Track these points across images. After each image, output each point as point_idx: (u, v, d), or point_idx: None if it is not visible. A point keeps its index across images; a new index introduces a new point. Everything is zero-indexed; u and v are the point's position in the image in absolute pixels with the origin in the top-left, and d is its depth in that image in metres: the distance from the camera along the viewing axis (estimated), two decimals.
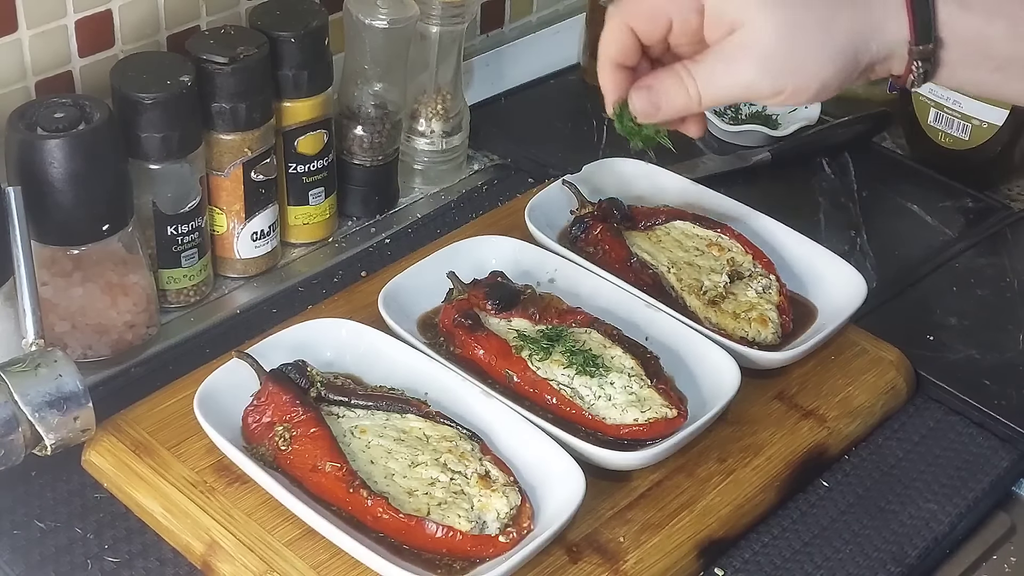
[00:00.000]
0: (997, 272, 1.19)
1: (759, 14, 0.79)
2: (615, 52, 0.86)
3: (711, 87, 0.83)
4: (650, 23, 0.84)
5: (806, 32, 0.79)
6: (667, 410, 0.92)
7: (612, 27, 0.85)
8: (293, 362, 0.92)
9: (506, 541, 0.84)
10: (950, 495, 0.96)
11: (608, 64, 0.87)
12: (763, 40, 0.80)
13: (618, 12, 0.85)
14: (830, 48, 0.80)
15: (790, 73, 0.80)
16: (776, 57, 0.80)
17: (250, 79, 1.04)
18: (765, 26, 0.79)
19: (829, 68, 0.80)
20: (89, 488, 0.92)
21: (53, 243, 0.95)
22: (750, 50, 0.80)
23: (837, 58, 0.80)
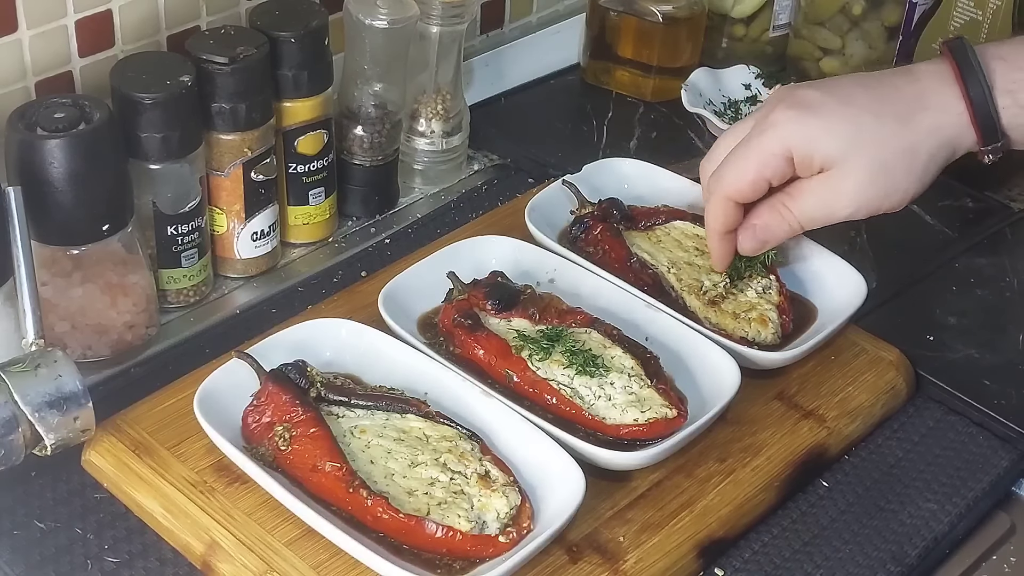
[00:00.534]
0: (997, 272, 1.19)
1: (847, 159, 0.90)
2: (722, 224, 0.97)
3: (809, 216, 0.94)
4: (753, 193, 0.94)
5: (893, 169, 0.90)
6: (667, 410, 0.92)
7: (716, 203, 0.96)
8: (293, 362, 0.92)
9: (506, 541, 0.84)
10: (950, 495, 0.96)
11: (718, 235, 0.98)
12: (853, 182, 0.90)
13: (720, 188, 0.95)
14: (914, 173, 0.91)
15: (881, 201, 0.92)
16: (868, 192, 0.91)
17: (250, 79, 1.04)
18: (855, 170, 0.90)
19: (916, 186, 0.92)
20: (89, 488, 0.92)
21: (53, 243, 0.95)
22: (843, 189, 0.91)
23: (921, 178, 0.91)
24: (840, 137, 0.90)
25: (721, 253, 0.99)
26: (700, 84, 1.38)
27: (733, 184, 0.94)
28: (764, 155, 0.92)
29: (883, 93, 0.91)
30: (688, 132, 1.37)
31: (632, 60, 1.41)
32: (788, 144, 0.91)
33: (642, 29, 1.39)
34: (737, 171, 0.94)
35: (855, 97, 0.92)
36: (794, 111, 0.92)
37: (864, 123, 0.90)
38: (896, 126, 0.90)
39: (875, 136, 0.90)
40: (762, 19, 1.45)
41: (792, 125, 0.91)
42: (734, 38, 1.46)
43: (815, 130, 0.91)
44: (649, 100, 1.41)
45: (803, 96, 0.93)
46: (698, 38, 1.42)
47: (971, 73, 0.89)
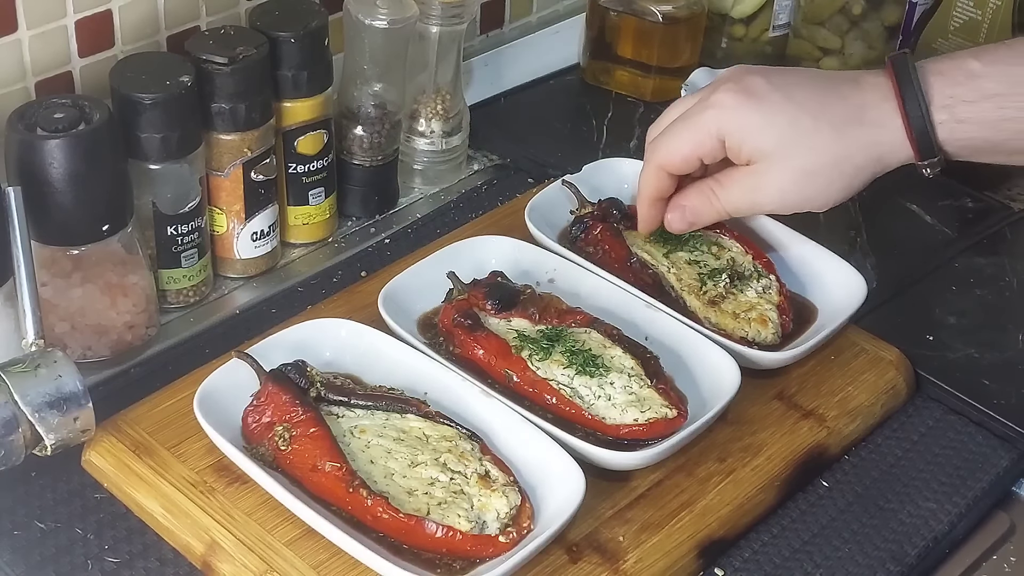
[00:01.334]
0: (997, 272, 1.19)
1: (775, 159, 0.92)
2: (654, 191, 1.00)
3: (735, 207, 0.97)
4: (684, 165, 0.97)
5: (818, 176, 0.92)
6: (667, 410, 0.92)
7: (649, 170, 0.99)
8: (293, 362, 0.92)
9: (506, 541, 0.84)
10: (950, 494, 0.96)
11: (647, 201, 1.01)
12: (777, 181, 0.93)
13: (654, 157, 0.98)
14: (838, 184, 0.93)
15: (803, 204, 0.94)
16: (790, 195, 0.93)
17: (250, 79, 1.04)
18: (780, 170, 0.92)
19: (838, 196, 0.94)
20: (89, 488, 0.92)
21: (53, 243, 0.95)
22: (767, 186, 0.93)
23: (844, 188, 0.93)
24: (773, 133, 0.92)
25: (648, 218, 1.02)
26: (700, 84, 1.37)
27: (666, 156, 0.97)
28: (699, 134, 0.95)
29: (826, 98, 0.92)
30: None
31: (632, 60, 1.41)
32: (723, 127, 0.93)
33: (642, 29, 1.39)
34: (672, 144, 0.96)
35: (799, 95, 0.93)
36: (737, 96, 0.93)
37: (800, 124, 0.92)
38: (830, 134, 0.91)
39: (807, 141, 0.91)
40: (762, 19, 1.45)
41: (730, 111, 0.93)
42: (734, 38, 1.46)
43: (751, 121, 0.92)
44: (649, 100, 1.41)
45: (750, 83, 0.94)
46: (698, 38, 1.42)
47: (909, 88, 0.90)
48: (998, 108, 0.88)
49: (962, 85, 0.89)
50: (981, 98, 0.89)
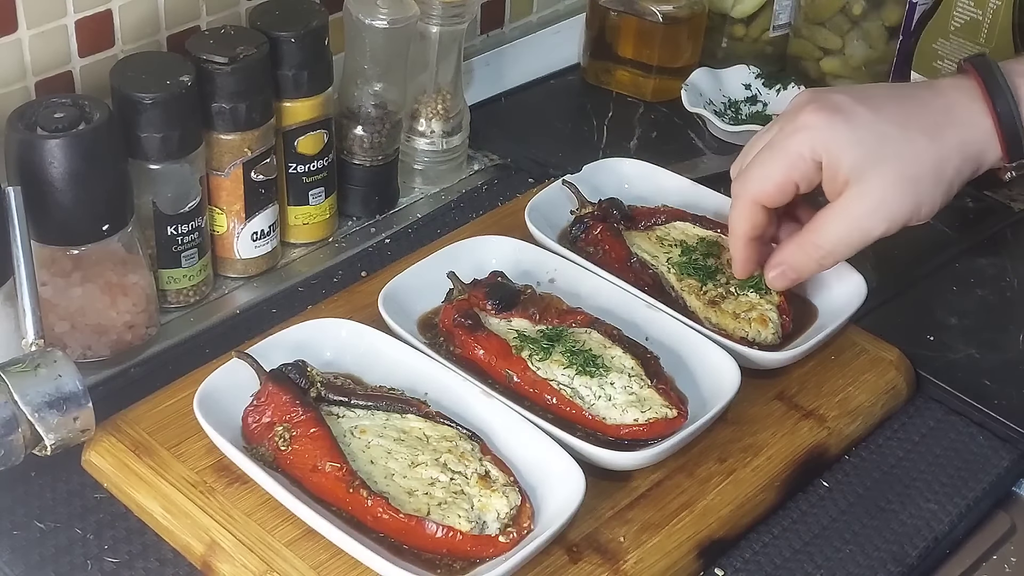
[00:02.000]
0: (997, 272, 1.18)
1: (874, 170, 0.88)
2: (749, 229, 0.94)
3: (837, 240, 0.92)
4: (780, 195, 0.92)
5: (920, 183, 0.89)
6: (667, 410, 0.92)
7: (742, 206, 0.93)
8: (293, 362, 0.92)
9: (506, 541, 0.84)
10: (950, 495, 0.96)
11: (743, 240, 0.95)
12: (880, 195, 0.89)
13: (745, 191, 0.93)
14: (942, 189, 0.90)
15: (906, 217, 0.90)
16: (897, 210, 0.90)
17: (250, 79, 1.04)
18: (882, 183, 0.89)
19: (942, 201, 0.91)
20: (89, 488, 0.92)
21: (53, 243, 0.95)
22: (871, 202, 0.89)
23: (947, 193, 0.91)
24: (867, 146, 0.89)
25: (744, 260, 0.97)
26: (700, 84, 1.38)
27: (758, 185, 0.92)
28: (792, 157, 0.91)
29: (910, 106, 0.91)
30: (688, 132, 1.37)
31: (632, 60, 1.41)
32: (817, 147, 0.90)
33: (642, 29, 1.39)
34: (763, 173, 0.92)
35: (884, 108, 0.91)
36: (824, 115, 0.90)
37: (891, 135, 0.90)
38: (924, 140, 0.89)
39: (903, 149, 0.89)
40: (762, 19, 1.45)
41: (822, 129, 0.90)
42: (734, 38, 1.46)
43: (844, 137, 0.90)
44: (649, 100, 1.41)
45: (833, 100, 0.91)
46: (698, 38, 1.42)
47: (998, 89, 0.89)
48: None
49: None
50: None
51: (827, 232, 0.92)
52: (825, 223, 0.92)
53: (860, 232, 0.91)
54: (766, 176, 0.92)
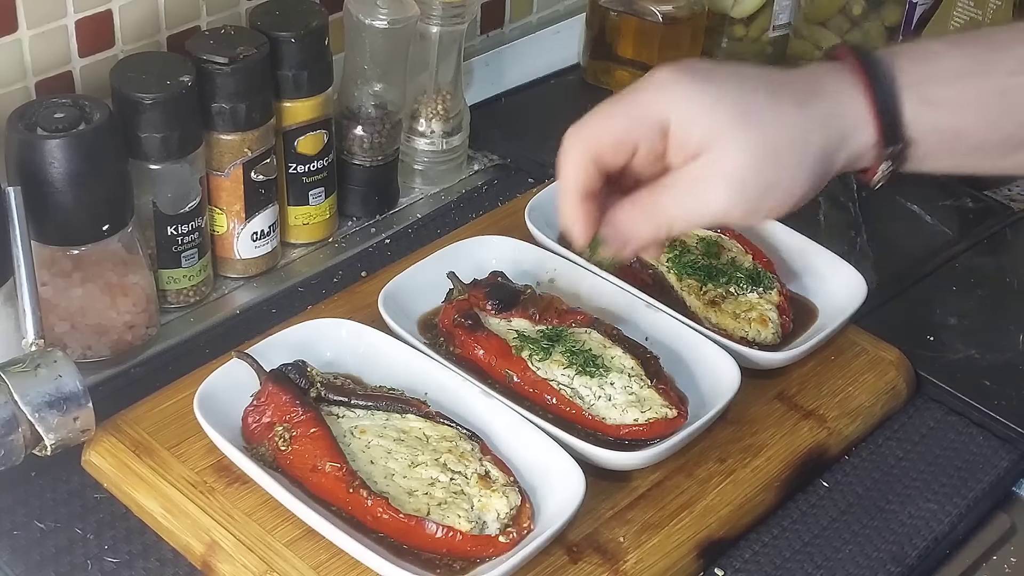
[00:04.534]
0: (997, 272, 1.19)
1: (730, 137, 0.75)
2: (580, 184, 0.79)
3: (681, 217, 0.78)
4: (615, 151, 0.78)
5: (780, 155, 0.76)
6: (667, 410, 0.92)
7: (573, 157, 0.79)
8: (293, 362, 0.92)
9: (506, 541, 0.84)
10: (950, 495, 0.96)
11: (573, 197, 0.79)
12: (735, 165, 0.75)
13: (579, 140, 0.79)
14: (805, 167, 0.77)
15: (763, 196, 0.76)
16: (749, 182, 0.76)
17: (250, 79, 1.04)
18: (738, 150, 0.75)
19: (804, 186, 0.77)
20: (89, 488, 0.92)
21: (53, 243, 0.95)
22: (721, 176, 0.76)
23: (811, 175, 0.77)
24: (726, 108, 0.75)
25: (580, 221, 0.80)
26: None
27: (596, 135, 0.78)
28: (637, 113, 0.77)
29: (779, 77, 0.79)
30: None
31: (632, 60, 1.41)
32: (666, 108, 0.76)
33: (642, 29, 1.39)
34: (602, 123, 0.78)
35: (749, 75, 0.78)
36: (679, 74, 0.77)
37: (757, 98, 0.76)
38: (791, 108, 0.76)
39: (765, 115, 0.76)
40: (762, 19, 1.45)
41: (673, 90, 0.76)
42: (734, 38, 1.46)
43: (698, 99, 0.76)
44: None
45: (694, 64, 0.78)
46: (698, 38, 1.42)
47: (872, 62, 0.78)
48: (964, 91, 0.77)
49: (928, 63, 0.78)
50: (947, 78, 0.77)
51: (669, 197, 0.77)
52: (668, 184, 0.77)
53: (703, 204, 0.77)
54: (604, 128, 0.78)
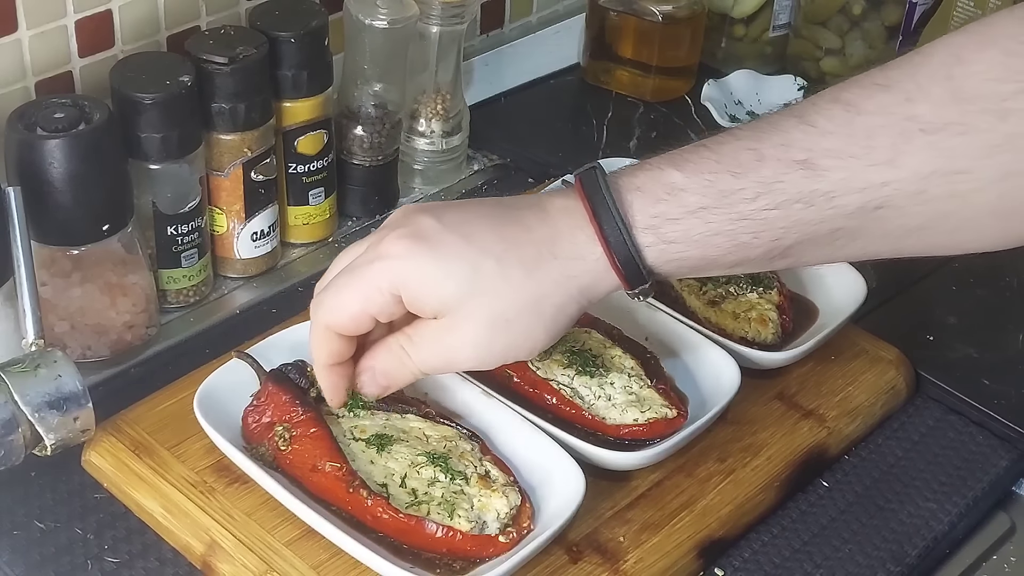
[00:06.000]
0: (997, 272, 1.18)
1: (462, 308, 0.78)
2: (326, 355, 0.83)
3: (430, 366, 0.82)
4: (355, 324, 0.81)
5: (513, 323, 0.78)
6: (667, 410, 0.92)
7: (317, 332, 0.83)
8: (293, 362, 0.92)
9: (506, 541, 0.84)
10: (950, 494, 0.96)
11: (322, 367, 0.84)
12: (471, 334, 0.79)
13: (319, 316, 0.82)
14: (541, 326, 0.79)
15: (503, 353, 0.80)
16: (488, 347, 0.79)
17: (250, 79, 1.04)
18: (472, 322, 0.78)
19: (543, 339, 0.80)
20: (89, 488, 0.92)
21: (53, 243, 0.95)
22: (461, 341, 0.79)
23: (550, 330, 0.80)
24: (456, 282, 0.77)
25: (330, 386, 0.85)
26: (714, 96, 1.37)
27: (332, 315, 0.81)
28: (368, 289, 0.79)
29: (511, 234, 0.79)
30: (688, 132, 1.37)
31: (632, 60, 1.41)
32: (396, 282, 0.78)
33: (642, 29, 1.39)
34: (339, 302, 0.81)
35: (479, 235, 0.78)
36: (408, 243, 0.78)
37: (485, 269, 0.77)
38: (520, 276, 0.77)
39: (495, 285, 0.77)
40: (762, 19, 1.45)
41: (401, 261, 0.78)
42: (734, 38, 1.46)
43: (427, 271, 0.78)
44: (649, 100, 1.42)
45: (421, 226, 0.79)
46: (698, 38, 1.42)
47: (605, 212, 0.77)
48: (706, 223, 0.76)
49: (664, 201, 0.76)
50: (687, 214, 0.76)
51: (417, 348, 0.81)
52: (417, 338, 0.81)
53: (448, 362, 0.82)
54: (340, 305, 0.81)
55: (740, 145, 0.76)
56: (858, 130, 0.74)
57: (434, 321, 0.80)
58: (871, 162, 0.73)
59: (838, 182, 0.74)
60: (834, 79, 1.43)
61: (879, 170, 0.73)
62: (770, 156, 0.75)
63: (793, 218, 0.75)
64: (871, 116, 0.73)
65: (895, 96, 0.73)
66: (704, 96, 1.37)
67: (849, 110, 0.74)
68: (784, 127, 0.75)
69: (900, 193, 0.73)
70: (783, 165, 0.74)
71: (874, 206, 0.74)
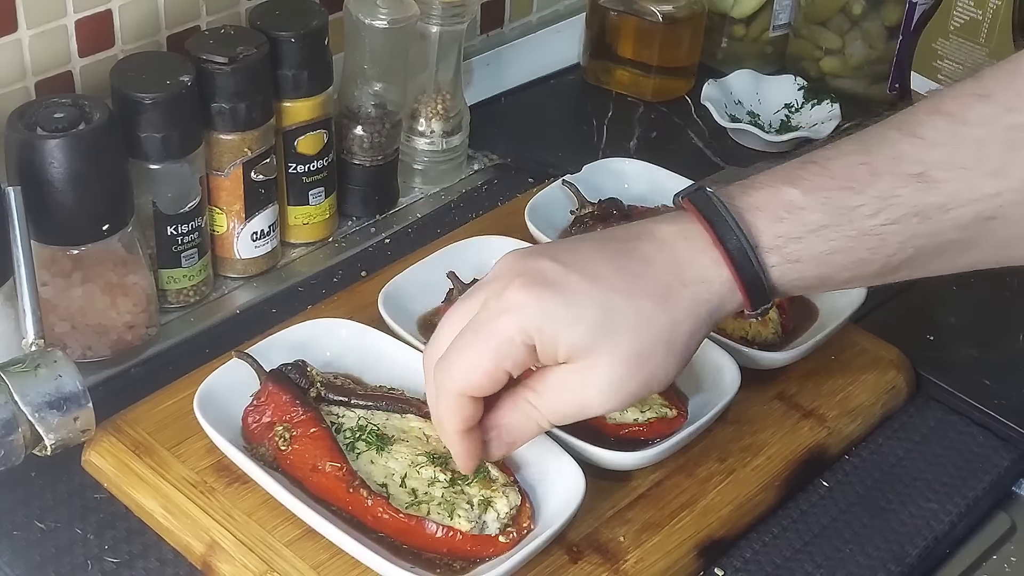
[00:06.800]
0: (997, 272, 1.18)
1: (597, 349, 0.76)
2: (460, 423, 0.79)
3: (560, 414, 0.79)
4: (491, 385, 0.78)
5: (651, 355, 0.76)
6: (667, 410, 0.92)
7: (449, 401, 0.79)
8: (293, 362, 0.92)
9: (506, 541, 0.84)
10: (950, 494, 0.96)
11: (457, 436, 0.80)
12: (607, 375, 0.76)
13: (451, 384, 0.78)
14: (676, 356, 0.77)
15: (641, 390, 0.77)
16: (624, 384, 0.76)
17: (250, 79, 1.04)
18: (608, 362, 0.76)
19: (677, 367, 0.78)
20: (89, 488, 0.92)
21: (53, 243, 0.95)
22: (595, 384, 0.76)
23: (682, 358, 0.78)
24: (588, 324, 0.75)
25: (463, 453, 0.80)
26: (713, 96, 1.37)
27: (466, 378, 0.77)
28: (500, 342, 0.76)
29: (632, 267, 0.77)
30: (688, 132, 1.37)
31: (632, 60, 1.41)
32: (528, 330, 0.75)
33: (642, 29, 1.39)
34: (469, 363, 0.77)
35: (602, 273, 0.76)
36: (534, 292, 0.75)
37: (615, 306, 0.75)
38: (652, 307, 0.76)
39: (629, 321, 0.75)
40: (762, 19, 1.45)
41: (531, 308, 0.75)
42: (734, 38, 1.46)
43: (559, 315, 0.75)
44: (649, 100, 1.42)
45: (542, 271, 0.76)
46: (698, 38, 1.42)
47: (729, 234, 0.76)
48: (826, 241, 0.75)
49: (785, 220, 0.75)
50: (808, 232, 0.75)
51: (546, 400, 0.78)
52: (545, 390, 0.78)
53: (581, 407, 0.78)
54: (473, 366, 0.77)
55: (851, 160, 0.75)
56: (966, 141, 0.73)
57: (562, 367, 0.77)
58: (982, 173, 0.73)
59: (952, 194, 0.73)
60: (834, 79, 1.44)
61: (990, 181, 0.73)
62: (884, 170, 0.74)
63: (909, 232, 0.74)
64: (975, 127, 0.73)
65: (996, 107, 0.72)
66: (704, 96, 1.37)
67: (953, 121, 0.73)
68: (891, 140, 0.75)
69: (1011, 203, 0.73)
70: (898, 179, 0.73)
71: (986, 216, 0.73)
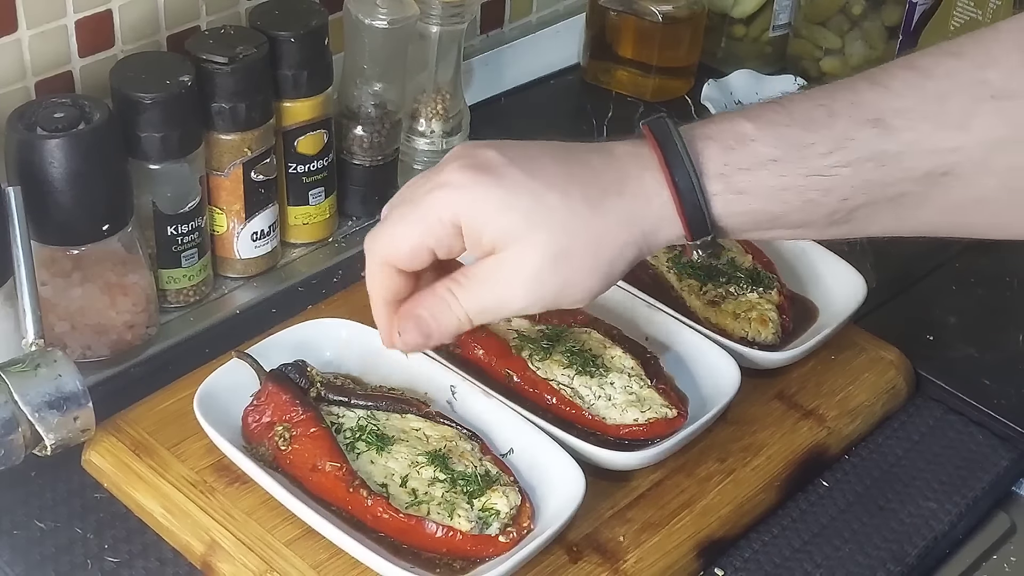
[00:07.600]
0: (997, 272, 1.18)
1: (523, 239, 0.75)
2: (385, 291, 0.81)
3: (479, 310, 0.78)
4: (412, 259, 0.79)
5: (574, 258, 0.76)
6: (667, 410, 0.92)
7: (373, 267, 0.80)
8: (293, 362, 0.92)
9: (506, 541, 0.84)
10: (950, 494, 0.96)
11: (382, 305, 0.81)
12: (528, 267, 0.76)
13: (376, 252, 0.80)
14: (600, 267, 0.77)
15: (557, 294, 0.77)
16: (544, 282, 0.76)
17: (250, 79, 1.04)
18: (531, 254, 0.75)
19: (598, 285, 0.77)
20: (89, 488, 0.92)
21: (53, 243, 0.95)
22: (515, 276, 0.76)
23: (607, 274, 0.77)
24: (517, 213, 0.75)
25: (386, 326, 0.82)
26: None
27: (390, 247, 0.78)
28: (428, 220, 0.76)
29: (576, 171, 0.77)
30: None
31: (632, 60, 1.41)
32: (457, 211, 0.76)
33: (642, 29, 1.39)
34: (396, 234, 0.78)
35: (543, 169, 0.76)
36: (471, 173, 0.76)
37: (548, 201, 0.75)
38: (585, 210, 0.75)
39: (558, 217, 0.75)
40: (762, 19, 1.45)
41: (463, 190, 0.76)
42: (734, 38, 1.46)
43: (489, 200, 0.75)
44: (649, 100, 1.42)
45: (484, 158, 0.76)
46: (698, 38, 1.42)
47: (675, 154, 0.75)
48: (777, 176, 0.74)
49: (735, 150, 0.75)
50: (758, 165, 0.75)
51: (468, 290, 0.78)
52: (466, 281, 0.78)
53: (499, 301, 0.78)
54: (398, 236, 0.78)
55: (812, 103, 0.76)
56: (930, 94, 0.73)
57: (487, 259, 0.77)
58: (941, 125, 0.73)
59: (909, 143, 0.73)
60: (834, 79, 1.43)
61: (949, 134, 0.73)
62: (842, 113, 0.74)
63: (863, 177, 0.74)
64: (942, 80, 0.73)
65: (967, 63, 0.73)
66: (704, 96, 1.37)
67: (921, 75, 0.74)
68: (856, 88, 0.76)
69: (967, 160, 0.73)
70: (855, 123, 0.74)
71: (941, 171, 0.73)
